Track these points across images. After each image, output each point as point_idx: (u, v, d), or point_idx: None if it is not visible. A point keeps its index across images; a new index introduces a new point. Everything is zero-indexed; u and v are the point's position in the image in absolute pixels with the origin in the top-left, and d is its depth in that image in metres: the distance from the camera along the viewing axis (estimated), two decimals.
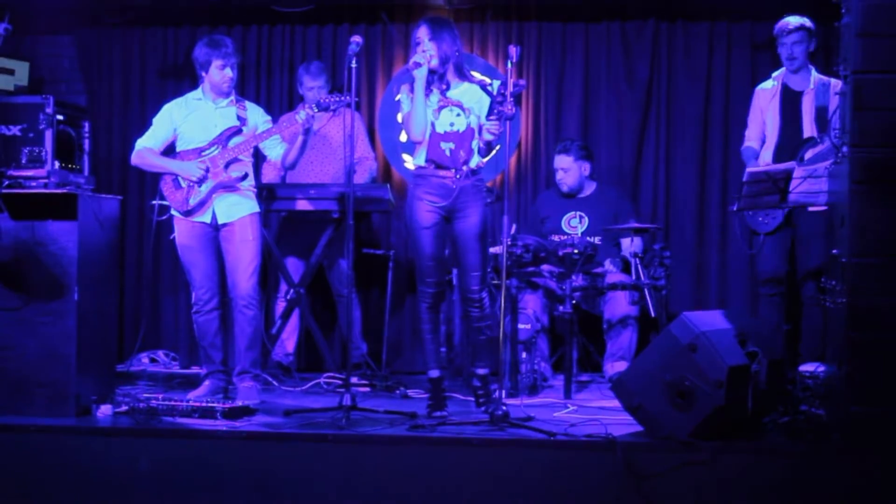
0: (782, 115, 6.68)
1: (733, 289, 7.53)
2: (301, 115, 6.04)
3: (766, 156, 6.71)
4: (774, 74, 6.82)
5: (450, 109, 5.75)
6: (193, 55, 6.22)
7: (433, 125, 5.72)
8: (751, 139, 6.86)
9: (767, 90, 6.79)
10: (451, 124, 5.72)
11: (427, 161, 5.75)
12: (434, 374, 5.87)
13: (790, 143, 6.59)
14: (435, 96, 5.75)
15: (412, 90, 5.74)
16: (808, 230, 6.36)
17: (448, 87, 5.76)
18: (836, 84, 6.56)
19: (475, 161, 5.74)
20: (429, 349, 5.89)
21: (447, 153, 5.70)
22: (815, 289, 6.22)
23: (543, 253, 6.61)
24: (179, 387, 6.61)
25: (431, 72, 5.73)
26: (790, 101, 6.67)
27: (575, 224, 7.22)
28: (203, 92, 6.22)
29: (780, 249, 6.65)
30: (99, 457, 5.15)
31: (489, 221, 5.89)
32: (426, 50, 5.73)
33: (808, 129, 6.56)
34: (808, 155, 6.45)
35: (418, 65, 5.68)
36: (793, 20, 6.61)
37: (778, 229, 6.61)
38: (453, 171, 5.69)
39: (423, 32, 5.75)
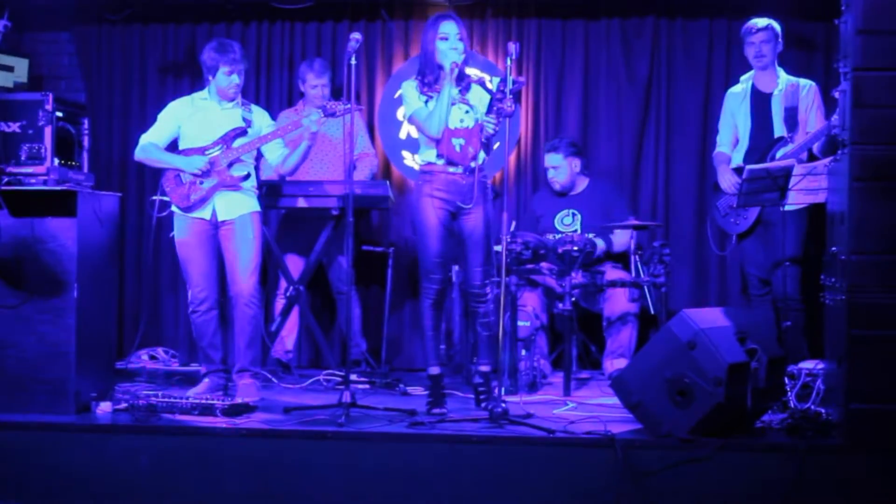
0: (753, 117, 6.72)
1: (733, 286, 7.52)
2: (314, 116, 6.00)
3: (738, 157, 6.76)
4: (743, 77, 6.87)
5: (458, 106, 5.76)
6: (201, 58, 6.21)
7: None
8: (722, 144, 6.92)
9: (737, 93, 6.86)
10: (461, 121, 5.74)
11: (438, 156, 5.76)
12: (434, 370, 5.87)
13: (761, 144, 6.62)
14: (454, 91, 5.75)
15: (429, 88, 5.74)
16: (780, 226, 6.32)
17: (469, 87, 5.75)
18: (804, 85, 6.62)
19: (481, 157, 5.75)
20: (429, 346, 5.89)
21: (457, 149, 5.72)
22: (783, 278, 6.22)
23: (543, 250, 6.60)
24: (179, 384, 6.61)
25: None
26: (760, 102, 6.72)
27: (568, 222, 7.21)
28: (209, 93, 6.21)
29: (762, 249, 6.67)
30: (98, 454, 5.15)
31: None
32: (456, 48, 5.73)
33: (779, 129, 6.61)
34: (780, 154, 6.49)
35: (458, 65, 5.69)
36: (761, 21, 6.67)
37: (751, 230, 6.65)
38: (462, 167, 5.70)
39: (454, 29, 5.74)
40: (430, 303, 5.81)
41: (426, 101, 5.80)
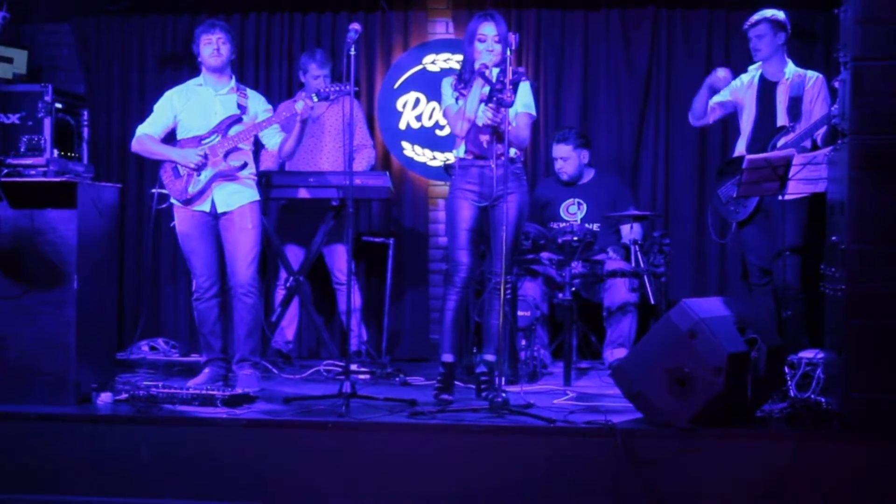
0: (758, 105, 6.71)
1: (733, 276, 7.52)
2: (300, 104, 6.00)
3: (741, 144, 6.75)
4: (751, 67, 6.86)
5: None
6: (192, 45, 6.23)
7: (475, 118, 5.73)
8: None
9: (745, 80, 6.83)
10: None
11: (466, 152, 5.79)
12: (448, 358, 5.85)
13: (764, 133, 6.62)
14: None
15: (463, 87, 5.74)
16: (780, 215, 6.32)
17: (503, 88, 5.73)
18: (811, 76, 6.61)
19: (513, 151, 5.73)
20: (448, 333, 5.86)
21: (484, 145, 5.72)
22: (783, 268, 6.21)
23: (543, 240, 6.60)
24: (179, 374, 6.62)
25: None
26: (766, 91, 6.71)
27: (573, 211, 7.22)
28: (204, 78, 6.21)
29: (762, 238, 6.66)
30: (99, 445, 5.15)
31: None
32: (492, 50, 5.72)
33: (782, 118, 6.60)
34: (781, 143, 6.49)
35: (486, 67, 5.68)
36: (757, 15, 6.67)
37: (751, 218, 6.64)
38: (491, 160, 5.68)
39: (490, 30, 5.74)
40: (453, 290, 5.81)
41: (457, 99, 5.80)
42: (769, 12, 6.66)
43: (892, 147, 4.83)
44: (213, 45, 6.13)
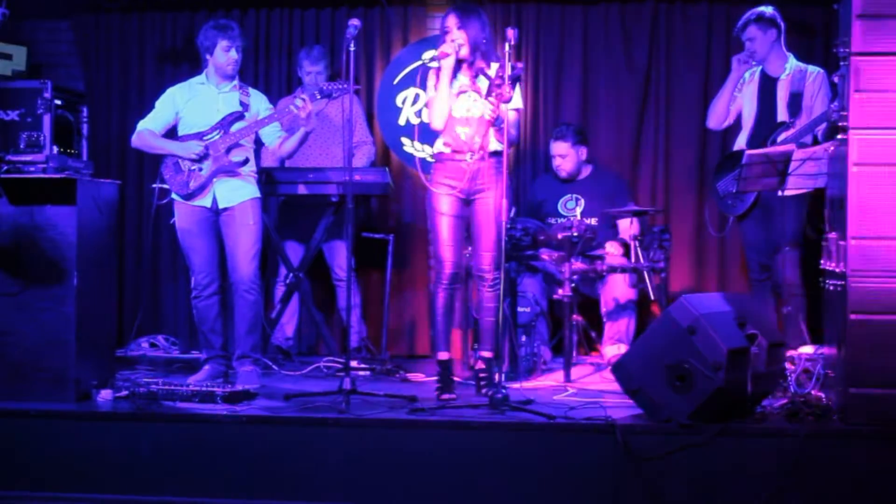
0: (759, 100, 6.70)
1: (732, 271, 7.52)
2: (298, 101, 5.99)
3: (742, 139, 6.74)
4: (753, 63, 6.85)
5: (468, 95, 5.73)
6: (198, 39, 6.20)
7: (451, 109, 5.72)
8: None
9: (746, 77, 6.82)
10: (468, 109, 5.72)
11: (444, 145, 5.78)
12: (443, 356, 5.85)
13: (765, 128, 6.61)
14: (457, 82, 5.73)
15: (438, 78, 5.72)
16: (780, 211, 6.32)
17: (479, 75, 5.70)
18: (812, 72, 6.60)
19: (494, 145, 5.69)
20: (440, 331, 5.86)
21: (462, 137, 5.71)
22: (782, 263, 6.21)
23: (542, 236, 6.60)
24: (179, 371, 6.62)
25: (459, 61, 5.71)
26: (767, 86, 6.70)
27: (571, 206, 7.21)
28: (207, 77, 6.20)
29: (762, 233, 6.65)
30: (99, 442, 5.16)
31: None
32: (455, 39, 5.70)
33: (782, 113, 6.59)
34: (781, 139, 6.49)
35: (446, 55, 5.66)
36: (742, 19, 6.65)
37: (749, 212, 6.63)
38: (470, 154, 5.67)
39: (451, 21, 5.72)
40: (441, 287, 5.81)
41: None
42: (756, 11, 6.63)
43: (891, 142, 4.83)
44: (231, 55, 6.11)
